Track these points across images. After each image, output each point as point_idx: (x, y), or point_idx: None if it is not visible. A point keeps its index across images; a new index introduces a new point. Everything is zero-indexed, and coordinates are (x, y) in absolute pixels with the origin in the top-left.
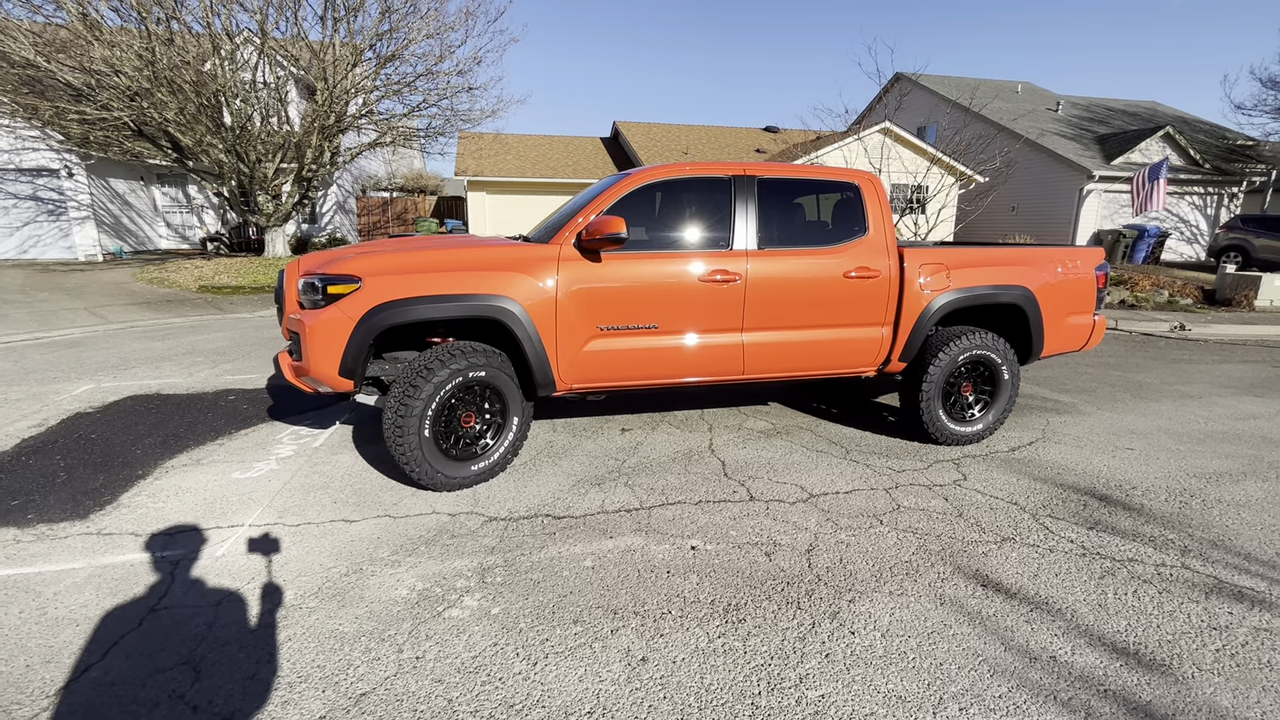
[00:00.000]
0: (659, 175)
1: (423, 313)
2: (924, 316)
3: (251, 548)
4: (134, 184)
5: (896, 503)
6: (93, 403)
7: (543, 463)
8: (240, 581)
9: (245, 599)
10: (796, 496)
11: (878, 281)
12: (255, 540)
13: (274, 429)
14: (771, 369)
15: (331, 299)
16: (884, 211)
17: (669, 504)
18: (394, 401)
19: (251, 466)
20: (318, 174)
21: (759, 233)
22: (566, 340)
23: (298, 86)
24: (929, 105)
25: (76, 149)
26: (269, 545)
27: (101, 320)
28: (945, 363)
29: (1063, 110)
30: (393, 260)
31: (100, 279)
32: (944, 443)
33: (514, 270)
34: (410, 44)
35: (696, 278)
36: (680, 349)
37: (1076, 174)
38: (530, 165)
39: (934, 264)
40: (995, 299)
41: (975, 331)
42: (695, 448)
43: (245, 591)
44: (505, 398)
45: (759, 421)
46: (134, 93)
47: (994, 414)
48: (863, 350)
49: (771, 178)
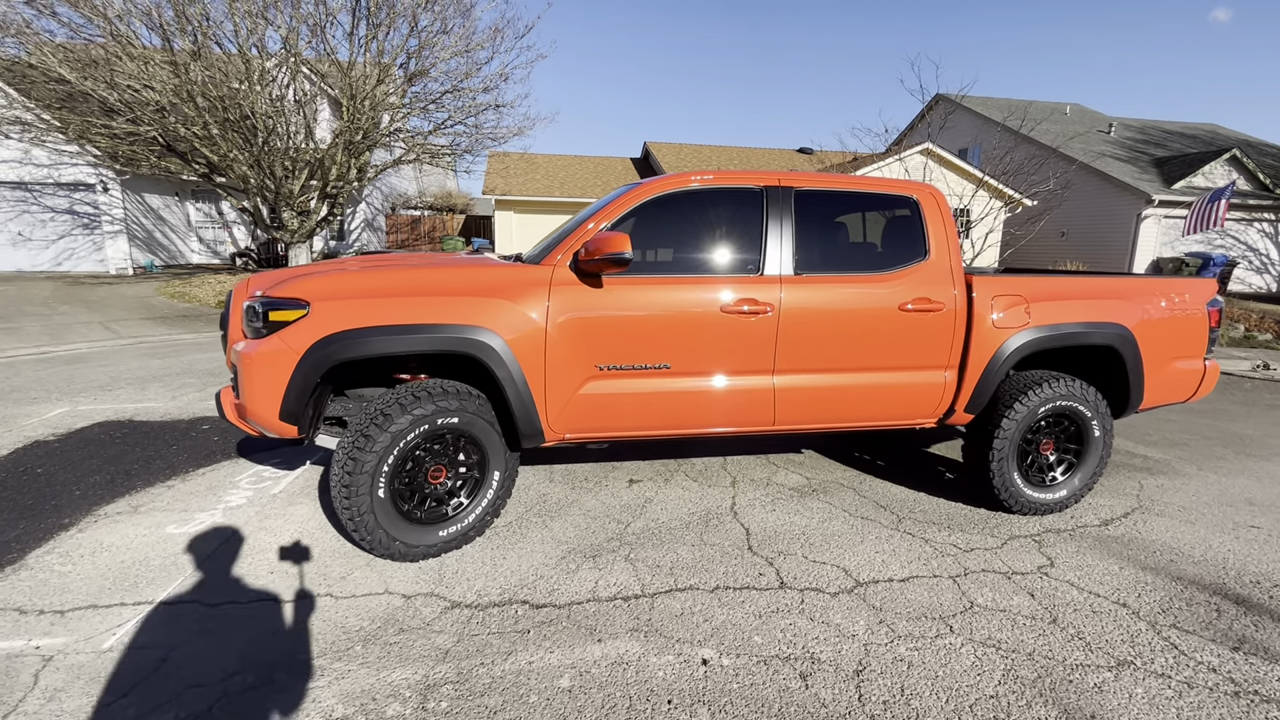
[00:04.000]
0: (676, 185)
1: (380, 346)
2: (997, 359)
3: (145, 641)
4: (168, 199)
5: (968, 598)
6: (58, 429)
7: (530, 524)
8: (115, 694)
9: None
10: (839, 584)
11: (940, 316)
12: (155, 628)
13: (235, 468)
14: (808, 419)
15: (273, 327)
16: (948, 232)
17: (678, 589)
18: (341, 455)
19: (193, 519)
20: (343, 191)
21: (796, 255)
22: (558, 381)
23: (329, 103)
24: (973, 127)
25: (111, 164)
26: (169, 637)
27: (113, 335)
28: (1022, 415)
29: (1115, 132)
30: (348, 282)
31: (124, 292)
32: (1018, 512)
33: (494, 296)
34: (437, 63)
35: (719, 308)
36: (697, 394)
37: (1133, 198)
38: (558, 185)
39: (1010, 295)
40: (1085, 339)
41: (1059, 378)
42: (715, 508)
43: (114, 711)
44: (484, 449)
45: (791, 474)
46: (162, 107)
47: (1081, 478)
48: (921, 398)
49: (812, 189)
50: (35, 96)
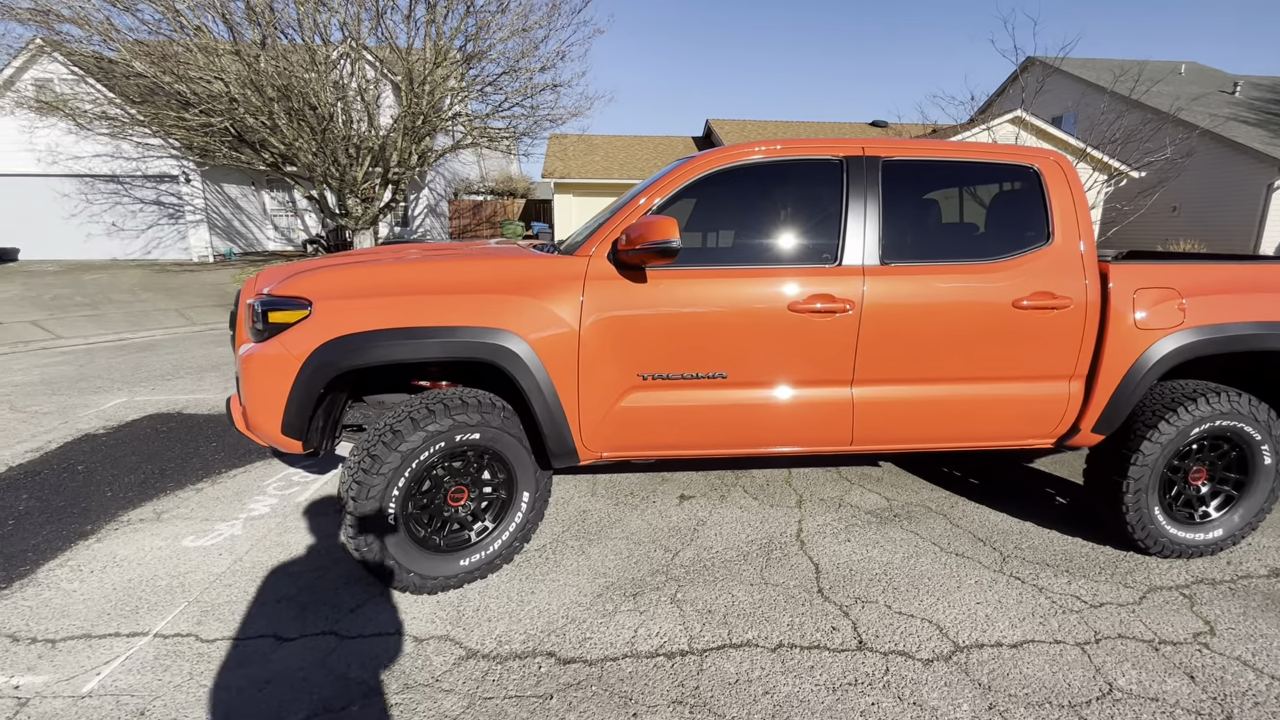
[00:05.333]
0: (735, 158)
1: (386, 353)
2: (1139, 368)
3: (128, 685)
4: (245, 189)
5: (1105, 678)
6: (110, 422)
7: (566, 549)
8: None
9: None
10: (933, 647)
11: (1067, 314)
12: (142, 668)
13: (267, 470)
14: (893, 439)
15: (273, 329)
16: (1079, 210)
17: (733, 646)
18: (347, 478)
19: (212, 530)
20: (405, 176)
21: (883, 241)
22: (593, 392)
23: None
24: (1071, 92)
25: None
26: (154, 682)
27: (187, 322)
28: (1170, 438)
29: (1241, 93)
30: (356, 278)
31: (203, 280)
32: (1157, 554)
33: (518, 293)
34: (495, 44)
35: (786, 306)
36: (758, 409)
37: (1264, 166)
38: (617, 166)
39: (1158, 288)
40: (1260, 344)
41: (1220, 391)
42: (777, 535)
43: None
44: (511, 467)
45: (868, 494)
46: (232, 98)
47: (1242, 515)
48: (1036, 416)
49: (904, 159)
50: (118, 91)
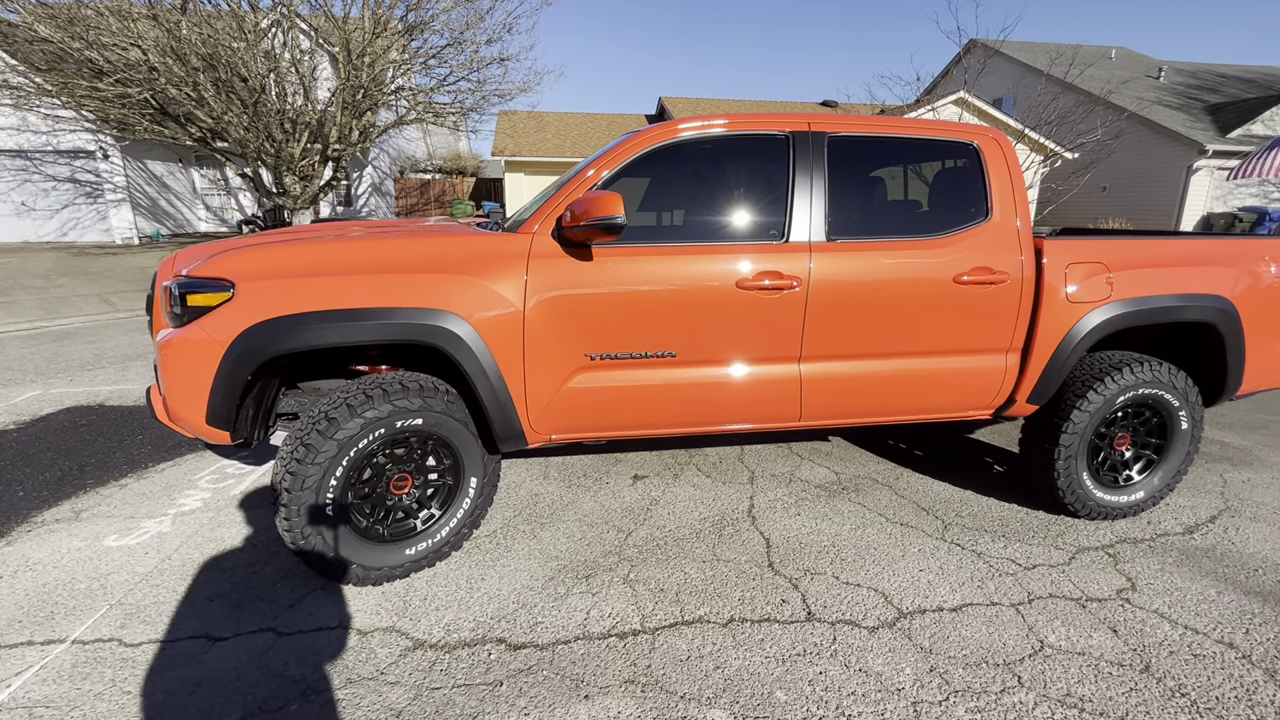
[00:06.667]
0: (681, 133)
1: (320, 336)
2: (1069, 341)
3: (42, 697)
4: (172, 166)
5: (1037, 636)
6: (22, 417)
7: (518, 533)
8: None
9: None
10: (878, 614)
11: (1004, 289)
12: (58, 678)
13: (200, 462)
14: (839, 414)
15: (193, 313)
16: (1015, 186)
17: (685, 623)
18: (280, 468)
19: (138, 527)
20: (345, 153)
21: (829, 217)
22: (539, 374)
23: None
24: (1010, 75)
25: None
26: (71, 692)
27: (109, 308)
28: (1097, 406)
29: (1165, 78)
30: (284, 256)
31: (128, 263)
32: (1085, 517)
33: (459, 272)
34: (438, 14)
35: (734, 283)
36: (707, 387)
37: (1185, 149)
38: (570, 144)
39: (1088, 262)
40: (1180, 315)
41: (1143, 361)
42: (730, 512)
43: None
44: (458, 453)
45: (818, 469)
46: (152, 67)
47: (1162, 478)
48: (975, 387)
49: (849, 134)
50: (21, 58)
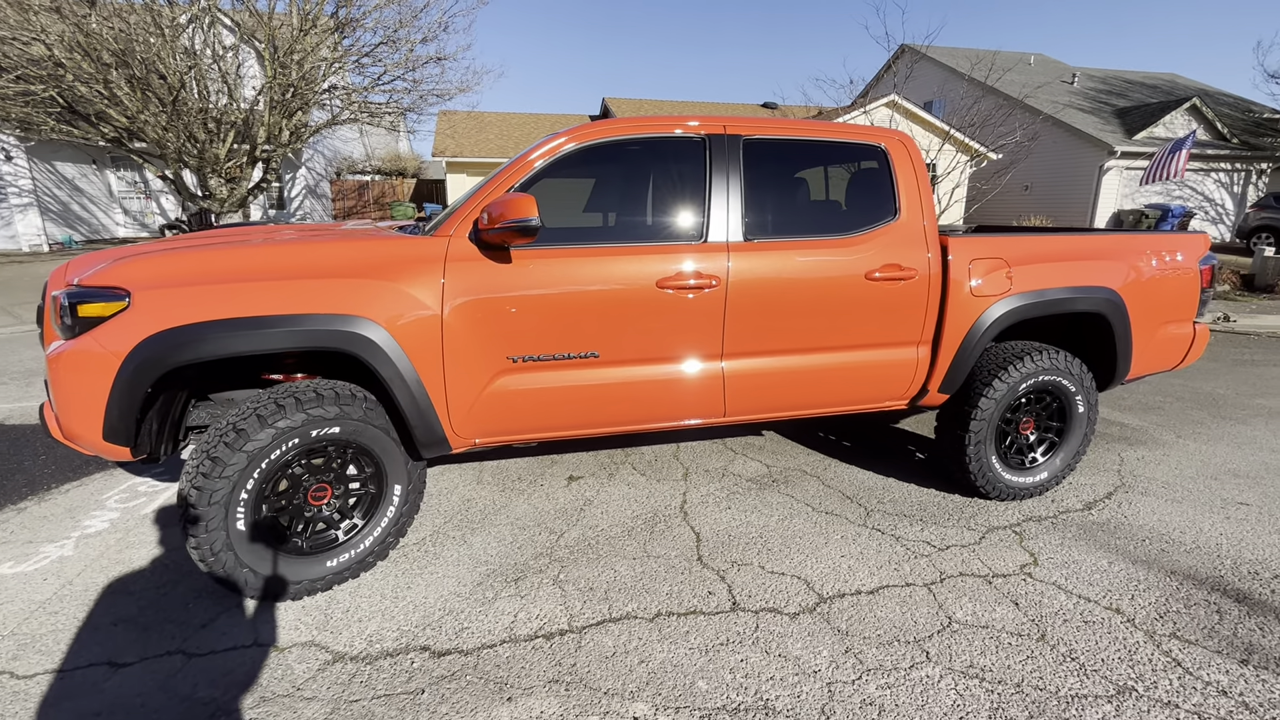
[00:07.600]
0: (599, 134)
1: (224, 345)
2: (975, 332)
3: None
4: (85, 168)
5: (946, 613)
6: None
7: (447, 539)
8: None
9: None
10: (800, 601)
11: (913, 284)
12: None
13: (108, 481)
14: (763, 408)
15: (85, 324)
16: (921, 186)
17: (612, 620)
18: (186, 483)
19: (37, 552)
20: (275, 154)
21: (746, 218)
22: (460, 378)
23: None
24: (938, 78)
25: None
26: None
27: (14, 320)
28: (1002, 394)
29: (1079, 83)
30: (183, 263)
31: (36, 272)
32: (995, 498)
33: (372, 276)
34: (370, 11)
35: (654, 283)
36: (632, 386)
37: (1096, 150)
38: (513, 144)
39: (989, 258)
40: (1072, 306)
41: (1042, 350)
42: (662, 508)
43: None
44: (380, 461)
45: (750, 462)
46: (57, 62)
47: (1063, 458)
48: (889, 379)
49: (763, 138)
50: None
